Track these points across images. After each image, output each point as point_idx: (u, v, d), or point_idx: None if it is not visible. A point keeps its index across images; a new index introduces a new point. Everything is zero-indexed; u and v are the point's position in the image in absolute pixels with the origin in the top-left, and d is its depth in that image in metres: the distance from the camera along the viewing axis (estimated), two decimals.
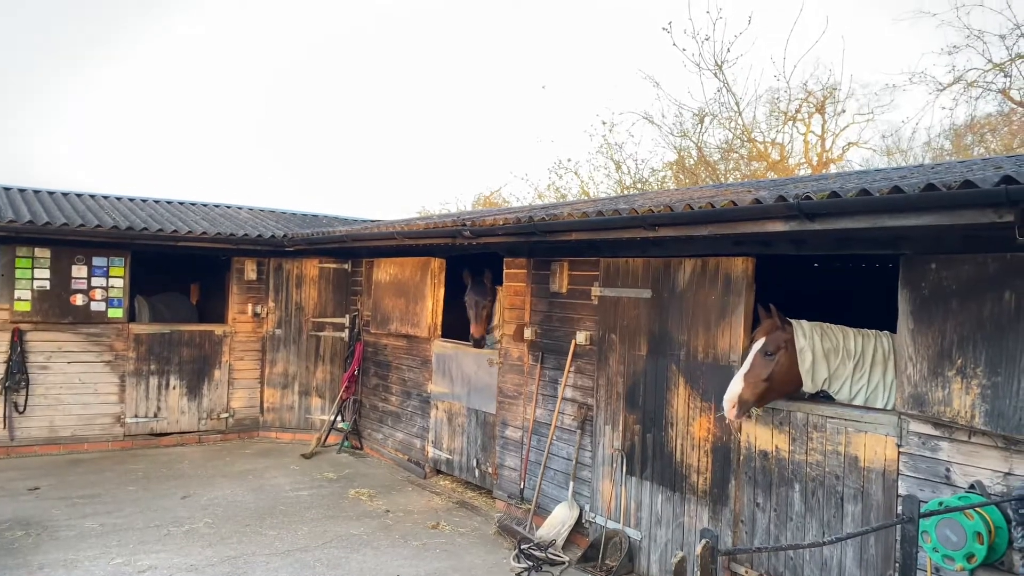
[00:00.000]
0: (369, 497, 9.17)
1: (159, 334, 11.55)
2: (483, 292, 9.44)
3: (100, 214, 11.38)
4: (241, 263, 12.15)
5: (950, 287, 4.54)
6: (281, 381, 12.36)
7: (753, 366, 5.42)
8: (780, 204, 4.77)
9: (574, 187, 24.35)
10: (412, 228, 9.27)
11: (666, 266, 6.67)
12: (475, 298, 9.42)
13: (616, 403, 7.19)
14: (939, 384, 4.57)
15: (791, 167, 20.96)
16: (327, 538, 7.67)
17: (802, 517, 5.47)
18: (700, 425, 6.31)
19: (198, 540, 7.47)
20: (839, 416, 5.28)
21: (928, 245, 4.74)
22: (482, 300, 9.39)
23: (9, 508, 8.22)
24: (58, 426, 10.81)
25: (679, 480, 6.49)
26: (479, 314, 9.34)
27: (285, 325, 12.36)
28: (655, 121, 22.40)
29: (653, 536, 6.73)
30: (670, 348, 6.61)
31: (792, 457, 5.56)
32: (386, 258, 11.21)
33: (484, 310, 9.38)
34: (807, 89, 20.73)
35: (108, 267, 11.05)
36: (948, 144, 19.70)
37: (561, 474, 7.82)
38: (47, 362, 10.72)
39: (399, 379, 10.98)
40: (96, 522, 7.87)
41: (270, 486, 9.52)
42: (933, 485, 4.65)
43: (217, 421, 11.96)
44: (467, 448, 9.49)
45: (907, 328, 4.79)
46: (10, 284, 10.46)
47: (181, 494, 8.99)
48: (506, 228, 7.47)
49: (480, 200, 29.15)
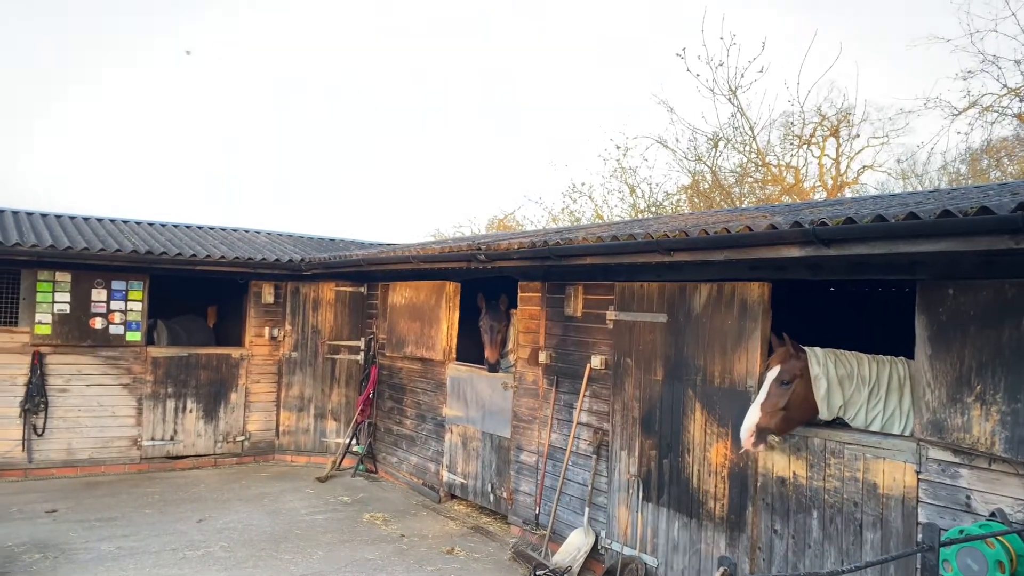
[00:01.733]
0: (384, 521, 9.16)
1: (177, 357, 11.64)
2: (498, 316, 9.46)
3: (120, 238, 11.53)
4: (259, 286, 12.25)
5: (968, 312, 4.53)
6: (297, 404, 12.40)
7: (769, 395, 5.40)
8: (796, 230, 4.78)
9: (588, 211, 24.42)
10: (427, 252, 9.33)
11: (682, 290, 6.68)
12: (490, 322, 9.44)
13: (632, 428, 7.17)
14: (958, 410, 4.54)
15: (806, 190, 20.93)
16: (342, 563, 7.66)
17: (820, 544, 5.42)
18: (717, 451, 6.28)
19: (214, 564, 7.47)
20: (857, 442, 5.24)
21: (945, 270, 4.72)
22: (497, 324, 9.41)
23: (27, 530, 8.27)
24: (76, 448, 10.88)
25: (696, 506, 6.45)
26: (493, 338, 9.36)
27: (301, 348, 12.42)
28: (669, 145, 22.48)
29: (670, 563, 6.68)
30: (686, 373, 6.60)
31: (810, 483, 5.52)
32: (402, 281, 11.27)
33: (499, 334, 9.40)
34: (821, 113, 20.74)
35: (127, 291, 11.17)
36: (964, 168, 19.63)
37: (576, 499, 7.78)
38: (66, 385, 10.82)
39: (414, 402, 10.99)
40: (113, 545, 7.90)
41: (285, 510, 9.53)
42: (953, 513, 4.61)
43: (233, 444, 12.00)
44: (482, 472, 9.47)
45: (925, 354, 4.77)
46: (31, 307, 10.59)
47: (197, 517, 9.01)
48: (521, 252, 7.51)
49: (494, 223, 29.25)
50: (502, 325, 9.44)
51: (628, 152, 23.12)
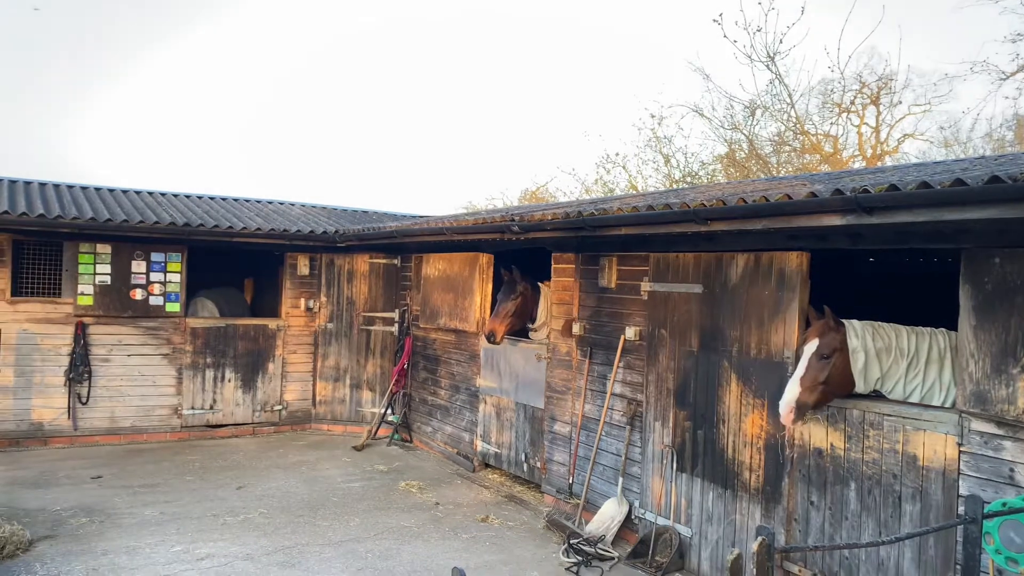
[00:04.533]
0: (419, 490, 9.27)
1: (215, 328, 11.82)
2: (508, 290, 9.36)
3: (158, 210, 11.69)
4: (294, 258, 12.37)
5: (1015, 282, 4.41)
6: (333, 374, 12.55)
7: (809, 369, 5.33)
8: (837, 198, 4.68)
9: (622, 181, 24.23)
10: (461, 224, 9.32)
11: (718, 261, 6.60)
12: (499, 296, 9.43)
13: (666, 399, 7.14)
14: (1003, 382, 4.45)
15: (845, 160, 20.54)
16: (378, 529, 7.78)
17: (858, 516, 5.38)
18: (752, 422, 6.24)
19: (253, 530, 7.63)
20: (897, 414, 5.17)
21: (991, 239, 4.60)
22: (504, 297, 9.34)
23: (74, 495, 8.51)
24: (119, 417, 11.14)
25: (730, 477, 6.43)
26: (498, 310, 9.30)
27: (336, 319, 12.54)
28: (705, 114, 22.19)
29: (704, 533, 6.68)
30: (722, 344, 6.54)
31: (848, 455, 5.46)
32: (435, 253, 11.30)
33: (506, 306, 9.27)
34: (862, 80, 20.28)
35: (166, 262, 11.34)
36: (1011, 135, 19.09)
37: (610, 470, 7.80)
38: (108, 355, 11.06)
39: (448, 373, 11.06)
40: (156, 510, 8.10)
41: (322, 477, 9.68)
42: (996, 485, 4.53)
43: (271, 413, 12.20)
44: (515, 442, 9.53)
45: (969, 324, 4.67)
46: (73, 279, 10.81)
47: (236, 484, 9.19)
48: (555, 223, 7.47)
49: (527, 195, 29.16)
50: (511, 298, 9.30)
51: (663, 121, 22.93)
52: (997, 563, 4.19)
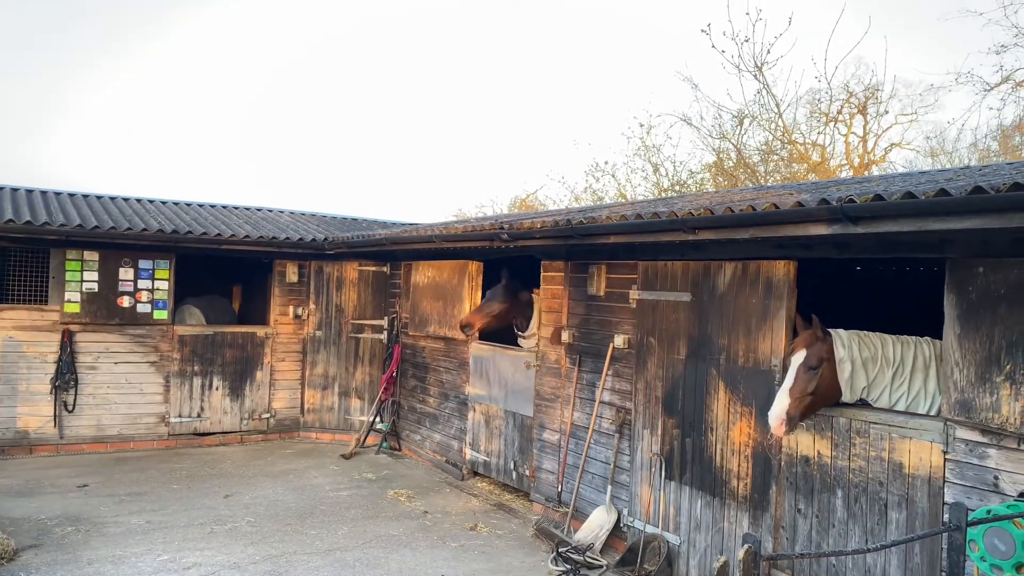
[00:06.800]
0: (408, 498, 9.25)
1: (203, 336, 11.77)
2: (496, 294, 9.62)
3: (146, 218, 11.64)
4: (283, 266, 12.34)
5: (998, 291, 4.46)
6: (321, 382, 12.51)
7: (797, 380, 5.33)
8: (823, 207, 4.72)
9: (611, 190, 24.31)
10: (450, 231, 9.33)
11: (706, 269, 6.63)
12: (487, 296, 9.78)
13: (655, 407, 7.16)
14: (987, 390, 4.49)
15: (832, 169, 20.67)
16: (367, 538, 7.75)
17: (844, 524, 5.40)
18: (740, 430, 6.26)
19: (241, 539, 7.59)
20: (883, 422, 5.20)
21: (975, 248, 4.65)
22: (491, 300, 9.62)
23: (59, 504, 8.44)
24: (105, 425, 11.07)
25: (719, 485, 6.45)
26: (481, 308, 9.60)
27: (325, 327, 12.51)
28: (693, 123, 22.30)
29: (692, 541, 6.69)
30: (710, 352, 6.57)
31: (835, 463, 5.49)
32: (424, 261, 11.30)
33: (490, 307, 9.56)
34: (849, 90, 20.44)
35: (154, 269, 11.30)
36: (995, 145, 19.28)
37: (599, 478, 7.81)
38: (95, 362, 10.99)
39: (437, 381, 11.05)
40: (142, 519, 8.05)
41: (311, 486, 9.65)
42: (981, 493, 4.56)
43: (259, 421, 12.15)
44: (504, 451, 9.52)
45: (953, 333, 4.71)
46: (60, 286, 10.75)
47: (224, 493, 9.15)
48: (544, 231, 7.49)
49: (516, 203, 29.19)
50: (496, 300, 9.55)
51: (652, 130, 23.00)
52: (982, 570, 4.21)
